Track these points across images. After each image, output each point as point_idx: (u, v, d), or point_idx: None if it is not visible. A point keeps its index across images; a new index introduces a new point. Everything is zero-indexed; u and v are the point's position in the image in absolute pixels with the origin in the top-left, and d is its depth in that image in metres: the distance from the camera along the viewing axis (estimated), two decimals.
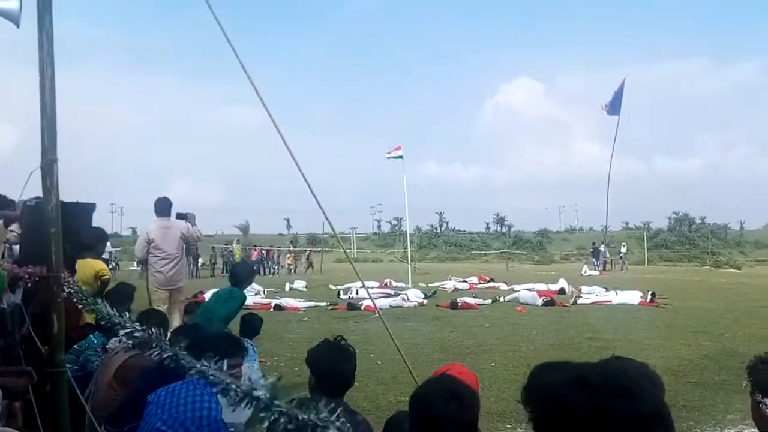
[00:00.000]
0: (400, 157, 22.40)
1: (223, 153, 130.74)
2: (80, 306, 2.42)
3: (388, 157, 22.47)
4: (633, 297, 16.38)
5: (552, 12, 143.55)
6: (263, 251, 37.89)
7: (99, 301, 2.21)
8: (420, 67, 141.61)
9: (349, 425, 0.83)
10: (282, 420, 0.90)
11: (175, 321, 6.66)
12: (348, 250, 39.24)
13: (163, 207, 7.41)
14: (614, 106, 26.56)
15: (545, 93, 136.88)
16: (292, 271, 35.64)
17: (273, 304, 15.68)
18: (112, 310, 2.03)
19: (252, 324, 6.53)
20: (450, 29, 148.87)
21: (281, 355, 8.90)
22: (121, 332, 1.80)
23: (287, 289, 21.13)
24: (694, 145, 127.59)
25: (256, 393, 0.98)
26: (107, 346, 5.23)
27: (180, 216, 7.65)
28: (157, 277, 7.25)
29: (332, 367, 3.12)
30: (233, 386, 1.10)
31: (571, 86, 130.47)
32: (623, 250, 40.61)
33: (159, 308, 6.47)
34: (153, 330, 1.74)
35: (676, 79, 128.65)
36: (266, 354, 8.83)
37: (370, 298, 8.60)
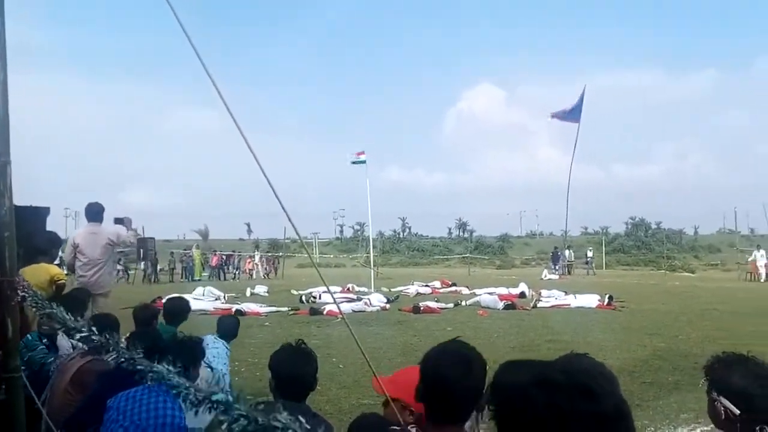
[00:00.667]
0: (363, 161, 22.41)
1: (182, 157, 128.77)
2: (35, 310, 2.39)
3: (353, 162, 22.45)
4: (591, 300, 16.70)
5: (513, 19, 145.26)
6: (223, 256, 37.51)
7: (54, 305, 2.18)
8: (383, 73, 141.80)
9: (308, 427, 0.83)
10: (242, 422, 0.90)
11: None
12: (278, 255, 39.06)
13: (92, 212, 7.30)
14: (574, 114, 26.99)
15: (507, 100, 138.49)
16: (253, 276, 35.33)
17: (234, 309, 15.51)
18: (67, 314, 2.00)
19: (231, 326, 6.51)
20: (413, 36, 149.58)
21: (242, 360, 8.83)
22: (77, 336, 1.74)
23: (248, 294, 20.95)
24: (650, 153, 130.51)
25: (215, 397, 0.97)
26: (61, 353, 5.15)
27: (117, 220, 7.58)
28: (81, 282, 7.13)
29: (293, 370, 3.12)
30: (192, 390, 1.10)
31: (532, 93, 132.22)
32: (589, 254, 41.32)
33: None
34: (107, 335, 1.73)
35: (633, 89, 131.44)
36: None
37: (335, 302, 8.60)
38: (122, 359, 1.52)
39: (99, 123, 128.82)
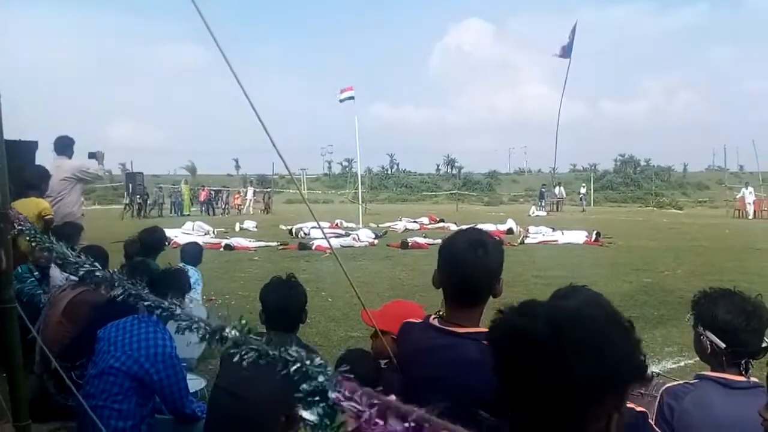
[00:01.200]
0: (352, 98, 22.09)
1: (168, 93, 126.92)
2: (33, 243, 2.36)
3: (341, 100, 22.12)
4: (578, 237, 16.83)
5: None
6: (212, 191, 37.33)
7: (53, 239, 2.16)
8: (370, 8, 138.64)
9: (321, 361, 0.81)
10: (252, 355, 0.90)
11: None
12: (268, 190, 38.98)
13: (60, 145, 7.19)
14: (566, 49, 26.66)
15: (495, 34, 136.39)
16: (242, 211, 35.27)
17: (223, 244, 15.54)
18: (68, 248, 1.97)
19: (195, 253, 6.50)
20: None
21: (233, 293, 8.87)
22: (81, 271, 1.70)
23: (237, 229, 20.95)
24: (639, 89, 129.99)
25: (226, 331, 0.97)
26: (53, 284, 5.15)
27: (90, 155, 7.50)
28: None
29: (283, 302, 3.13)
30: (202, 324, 1.09)
31: (521, 28, 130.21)
32: (582, 190, 41.57)
33: None
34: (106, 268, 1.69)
35: (622, 23, 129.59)
36: (217, 292, 8.79)
37: (325, 237, 8.56)
38: (129, 293, 1.49)
39: (87, 57, 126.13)
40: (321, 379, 0.74)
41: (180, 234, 16.28)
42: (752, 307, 2.23)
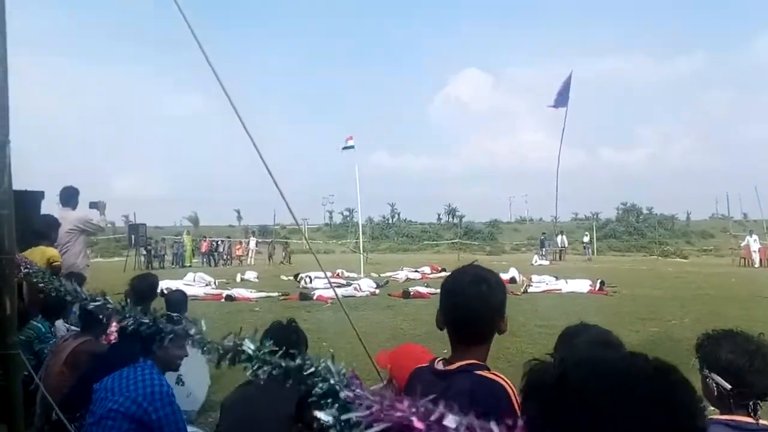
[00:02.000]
0: (352, 147, 22.31)
1: (172, 144, 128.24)
2: (40, 284, 2.36)
3: (343, 148, 22.35)
4: (582, 286, 16.69)
5: (499, 4, 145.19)
6: (213, 242, 37.34)
7: (62, 279, 2.19)
8: (371, 58, 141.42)
9: (332, 367, 0.83)
10: (265, 368, 0.94)
11: None
12: (300, 241, 39.05)
13: (65, 196, 7.28)
14: (562, 99, 27.04)
15: (494, 84, 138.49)
16: (242, 262, 35.24)
17: (224, 295, 15.44)
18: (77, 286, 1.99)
19: (179, 301, 6.41)
20: (400, 20, 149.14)
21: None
22: (92, 305, 1.73)
23: (238, 280, 20.85)
24: (638, 137, 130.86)
25: (241, 348, 1.02)
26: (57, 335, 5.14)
27: (92, 205, 7.59)
28: None
29: (284, 346, 3.05)
30: (216, 344, 1.13)
31: (520, 78, 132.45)
32: (586, 239, 41.53)
33: None
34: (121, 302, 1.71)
35: (619, 72, 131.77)
36: None
37: (330, 285, 8.51)
38: (140, 322, 1.53)
39: (91, 107, 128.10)
40: (332, 381, 0.77)
41: (182, 285, 16.19)
42: (755, 347, 2.23)
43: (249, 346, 0.99)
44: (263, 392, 3.14)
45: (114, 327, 6.12)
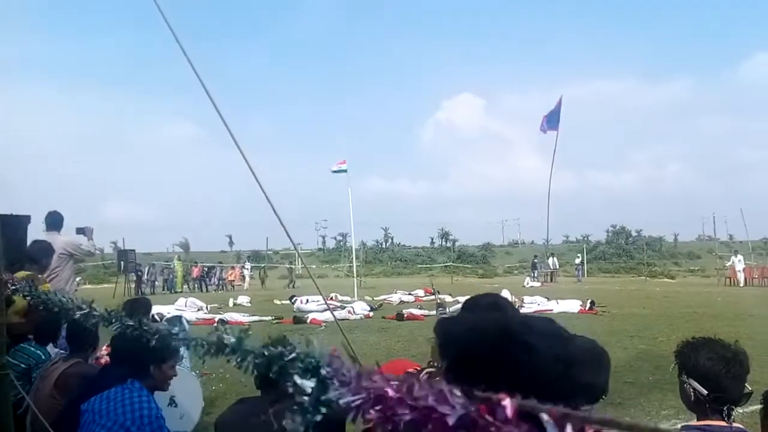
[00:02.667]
0: (345, 170, 22.48)
1: (162, 170, 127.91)
2: (28, 297, 2.40)
3: (334, 171, 22.51)
4: (573, 306, 16.86)
5: (492, 29, 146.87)
6: (205, 267, 37.23)
7: (50, 293, 2.22)
8: (363, 83, 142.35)
9: (325, 352, 0.85)
10: (249, 358, 0.95)
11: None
12: (292, 266, 39.00)
13: (51, 221, 7.29)
14: (552, 122, 27.36)
15: (487, 109, 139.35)
16: (234, 287, 35.15)
17: (217, 319, 15.46)
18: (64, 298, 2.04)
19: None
20: (392, 45, 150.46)
21: (227, 367, 8.76)
22: (78, 314, 1.80)
23: (231, 304, 20.84)
24: (628, 161, 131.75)
25: (225, 340, 1.02)
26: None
27: (78, 230, 7.59)
28: None
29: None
30: (201, 340, 1.13)
31: (512, 102, 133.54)
32: (577, 261, 41.75)
33: None
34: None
35: (610, 97, 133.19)
36: (211, 367, 8.72)
37: (328, 307, 8.62)
38: (127, 325, 1.56)
39: (78, 134, 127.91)
40: (313, 359, 0.79)
41: (173, 310, 16.20)
42: (732, 354, 2.30)
43: (230, 339, 1.01)
44: (256, 409, 3.22)
45: (105, 350, 6.18)
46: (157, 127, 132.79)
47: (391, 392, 0.68)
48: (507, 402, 0.58)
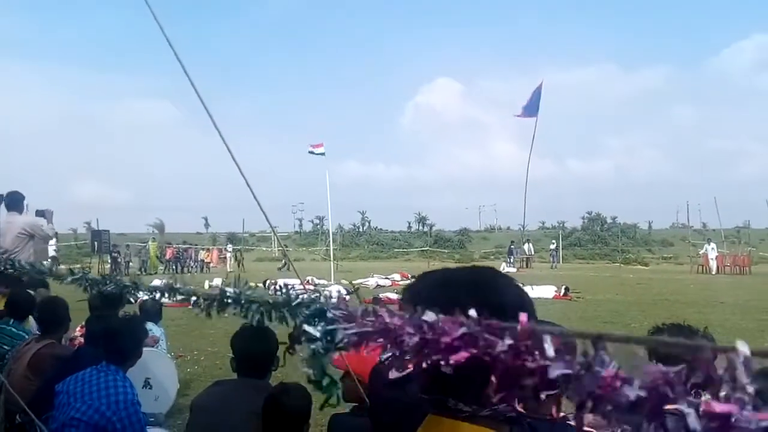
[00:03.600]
0: (322, 153, 22.36)
1: (135, 150, 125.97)
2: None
3: (310, 152, 22.37)
4: (548, 291, 17.00)
5: (471, 13, 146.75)
6: (179, 249, 36.96)
7: (22, 262, 2.18)
8: (341, 66, 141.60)
9: (330, 295, 0.89)
10: (254, 307, 0.96)
11: None
12: (269, 249, 38.92)
13: (11, 201, 7.13)
14: (532, 108, 27.37)
15: (465, 94, 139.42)
16: (209, 269, 35.00)
17: (192, 301, 15.36)
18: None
19: (153, 308, 6.43)
20: (371, 28, 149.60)
21: (202, 349, 8.77)
22: (69, 279, 1.73)
23: (206, 286, 20.57)
24: (604, 148, 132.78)
25: (226, 292, 1.04)
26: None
27: (38, 212, 7.45)
28: None
29: (253, 347, 3.13)
30: (200, 294, 1.18)
31: (491, 88, 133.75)
32: (552, 247, 42.14)
33: None
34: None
35: (587, 84, 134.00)
36: (186, 349, 8.70)
37: (305, 290, 8.53)
38: (126, 284, 1.60)
39: (49, 113, 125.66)
40: (319, 304, 0.82)
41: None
42: (699, 339, 2.36)
43: (231, 291, 1.02)
44: (233, 392, 3.21)
45: (79, 331, 6.10)
46: (132, 107, 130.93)
47: (396, 321, 0.71)
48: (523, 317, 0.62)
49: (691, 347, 0.52)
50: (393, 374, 0.77)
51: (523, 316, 0.60)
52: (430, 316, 0.68)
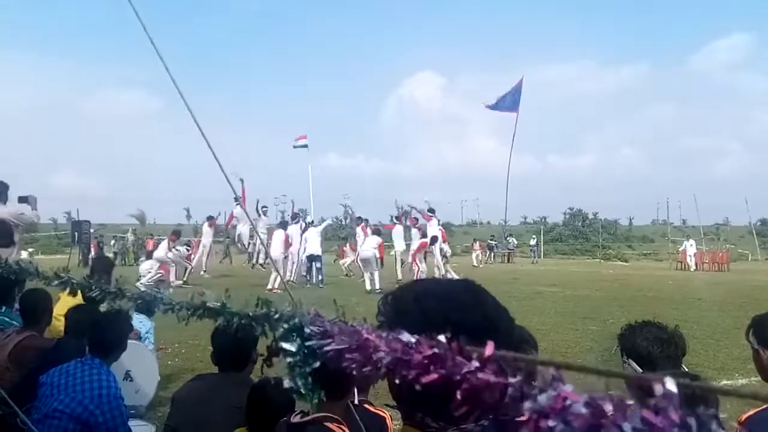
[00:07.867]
0: (305, 146, 22.32)
1: (115, 141, 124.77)
2: None
3: (295, 146, 22.33)
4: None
5: (453, 7, 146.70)
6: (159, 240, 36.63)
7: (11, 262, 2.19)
8: (323, 59, 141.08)
9: (309, 314, 0.88)
10: (235, 320, 0.99)
11: None
12: (251, 241, 38.57)
13: None
14: (511, 103, 27.47)
15: (447, 88, 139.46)
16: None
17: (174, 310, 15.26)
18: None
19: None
20: (354, 21, 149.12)
21: (183, 342, 8.73)
22: (55, 282, 1.75)
23: (141, 270, 20.52)
24: (585, 144, 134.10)
25: (208, 304, 1.07)
26: None
27: (21, 199, 7.34)
28: None
29: (232, 342, 3.14)
30: (184, 303, 1.18)
31: (472, 83, 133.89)
32: (533, 242, 42.37)
33: None
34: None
35: (567, 80, 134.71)
36: (167, 341, 8.65)
37: (285, 285, 8.55)
38: (110, 290, 1.56)
39: (27, 103, 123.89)
40: (296, 320, 0.83)
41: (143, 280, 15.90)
42: (668, 336, 2.45)
43: (214, 303, 1.05)
44: (213, 385, 3.24)
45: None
46: (113, 97, 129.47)
47: (372, 338, 0.72)
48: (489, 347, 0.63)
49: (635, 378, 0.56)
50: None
51: (489, 345, 0.63)
52: (405, 336, 0.70)
